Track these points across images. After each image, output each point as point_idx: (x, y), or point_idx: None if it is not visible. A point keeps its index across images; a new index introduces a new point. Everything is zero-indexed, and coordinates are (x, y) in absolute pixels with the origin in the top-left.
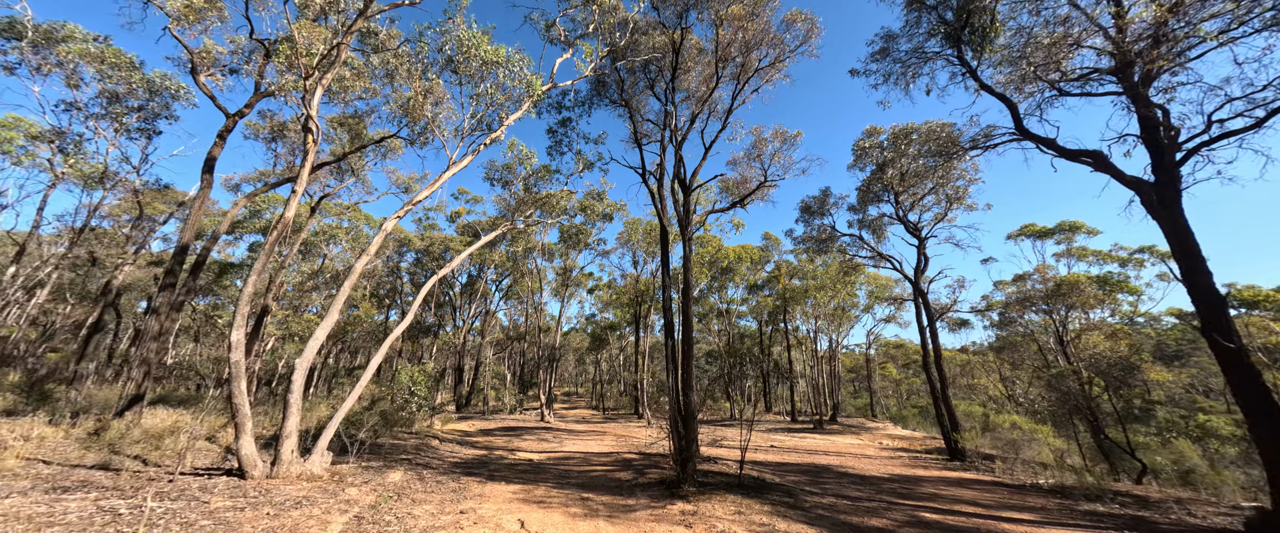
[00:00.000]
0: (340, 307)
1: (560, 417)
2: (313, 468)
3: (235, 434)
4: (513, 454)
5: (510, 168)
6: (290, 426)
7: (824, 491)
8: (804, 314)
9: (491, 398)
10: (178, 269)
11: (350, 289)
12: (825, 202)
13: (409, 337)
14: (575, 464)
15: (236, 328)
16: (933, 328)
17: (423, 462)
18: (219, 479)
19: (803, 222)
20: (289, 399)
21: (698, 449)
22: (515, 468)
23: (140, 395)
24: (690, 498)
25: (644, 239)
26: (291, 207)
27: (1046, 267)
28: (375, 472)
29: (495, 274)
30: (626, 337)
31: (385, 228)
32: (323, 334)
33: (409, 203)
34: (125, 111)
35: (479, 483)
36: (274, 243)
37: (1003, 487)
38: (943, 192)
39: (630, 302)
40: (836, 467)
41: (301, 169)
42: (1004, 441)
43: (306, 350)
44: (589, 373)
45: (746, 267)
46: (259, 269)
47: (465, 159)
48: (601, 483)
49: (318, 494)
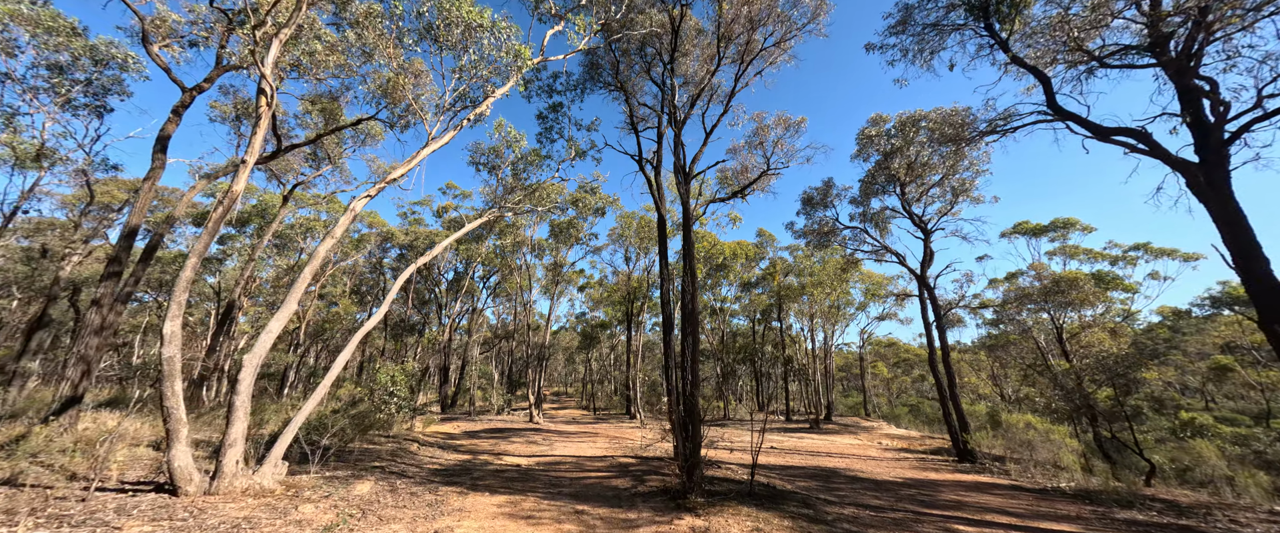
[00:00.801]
0: (298, 295)
1: (550, 418)
2: (262, 481)
3: (166, 443)
4: (499, 459)
5: (497, 151)
6: (235, 433)
7: (841, 499)
8: (797, 312)
9: (478, 398)
10: (124, 256)
11: (310, 276)
12: (828, 193)
13: (392, 335)
14: (567, 470)
15: (170, 319)
16: (939, 324)
17: (398, 470)
18: (145, 497)
19: (804, 214)
20: (234, 402)
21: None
22: (501, 475)
23: (78, 397)
24: (699, 511)
25: (637, 235)
26: (240, 179)
27: (1041, 264)
28: (340, 483)
29: (483, 271)
30: (617, 336)
31: (353, 208)
32: (277, 327)
33: (383, 181)
34: (70, 85)
35: (459, 495)
36: (219, 220)
37: (1024, 492)
38: (949, 183)
39: (622, 300)
40: (845, 470)
41: (253, 136)
42: (1018, 441)
43: (257, 346)
44: (579, 372)
45: (741, 263)
46: (200, 251)
47: (447, 135)
48: (597, 492)
49: (263, 514)
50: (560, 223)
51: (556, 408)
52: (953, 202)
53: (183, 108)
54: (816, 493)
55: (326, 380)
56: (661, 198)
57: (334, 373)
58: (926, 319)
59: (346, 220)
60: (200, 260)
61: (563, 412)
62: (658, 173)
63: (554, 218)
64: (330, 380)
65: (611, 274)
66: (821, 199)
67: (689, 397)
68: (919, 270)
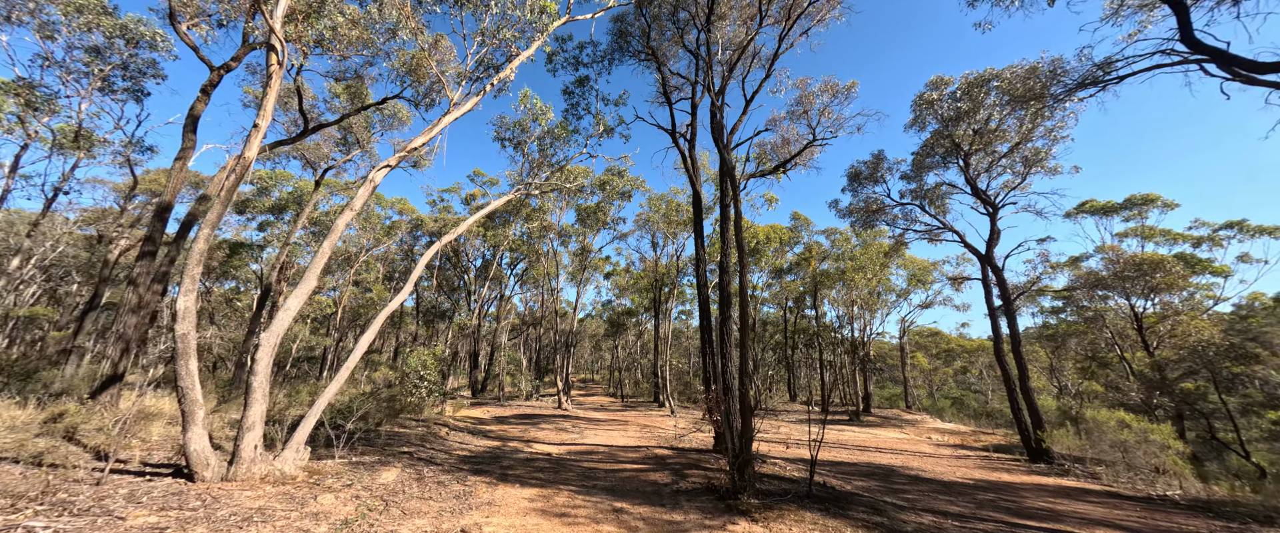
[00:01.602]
0: (318, 270)
1: (578, 404)
2: (284, 467)
3: (182, 426)
4: (529, 446)
5: (523, 125)
6: (253, 415)
7: (911, 504)
8: (831, 301)
9: (507, 384)
10: (158, 236)
11: (330, 249)
12: (878, 167)
13: (425, 321)
14: (600, 461)
15: (184, 294)
16: (1009, 310)
17: (426, 456)
18: (161, 481)
19: (850, 190)
20: (251, 383)
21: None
22: (532, 465)
23: (118, 375)
24: (753, 514)
25: (665, 219)
26: (252, 145)
27: (1117, 246)
28: (365, 470)
29: (511, 258)
30: (644, 323)
31: (372, 178)
32: (296, 304)
33: (404, 150)
34: (108, 68)
35: (488, 486)
36: (232, 189)
37: (1125, 500)
38: (1020, 153)
39: (649, 286)
40: (902, 468)
41: (264, 100)
42: (1109, 441)
43: (275, 324)
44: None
45: (773, 248)
46: (212, 221)
47: (469, 102)
48: (635, 488)
49: (278, 504)
50: (587, 207)
51: (584, 395)
52: (1024, 173)
53: (211, 87)
54: (881, 496)
55: (350, 362)
56: (697, 172)
57: (357, 354)
58: (991, 305)
59: (366, 191)
60: (212, 231)
61: (590, 399)
62: (692, 146)
63: (580, 202)
64: (353, 362)
65: (638, 261)
66: (871, 173)
67: (740, 386)
68: (983, 251)
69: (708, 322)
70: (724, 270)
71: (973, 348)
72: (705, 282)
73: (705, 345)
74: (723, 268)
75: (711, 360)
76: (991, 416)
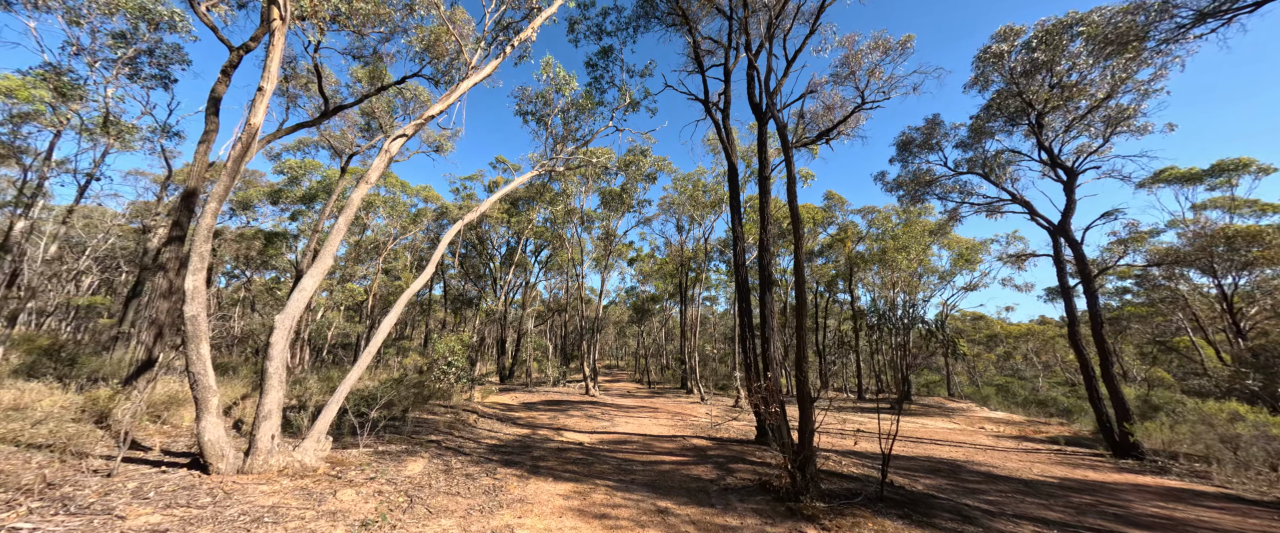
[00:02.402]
0: (334, 247)
1: (604, 390)
2: (304, 458)
3: (196, 415)
4: (559, 435)
5: (545, 97)
6: (269, 403)
7: (997, 508)
8: (866, 284)
9: (534, 369)
10: (185, 220)
11: (346, 226)
12: (933, 133)
13: (453, 309)
14: (635, 451)
15: (192, 273)
16: (1089, 288)
17: (454, 445)
18: (174, 474)
19: (900, 161)
20: (267, 369)
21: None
22: (564, 455)
23: (152, 361)
24: (822, 521)
25: (691, 201)
26: (258, 111)
27: (1203, 219)
28: (391, 460)
29: (535, 245)
30: (668, 310)
31: (388, 149)
32: (311, 284)
33: (420, 119)
34: (134, 52)
35: (519, 479)
36: (238, 159)
37: (1254, 506)
38: (1102, 112)
39: (674, 272)
40: (969, 464)
41: (268, 60)
42: (1222, 436)
43: (289, 305)
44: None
45: (807, 229)
46: (219, 195)
47: (488, 66)
48: (678, 484)
49: (294, 501)
50: (611, 191)
51: (610, 381)
52: (1105, 134)
53: (231, 67)
54: (959, 498)
55: (371, 347)
56: (732, 143)
57: (378, 339)
58: (1064, 282)
59: (381, 162)
60: (219, 205)
61: (616, 385)
62: (726, 116)
63: (603, 185)
64: (375, 348)
65: (662, 246)
66: (925, 141)
67: (799, 374)
68: (1057, 223)
69: (746, 304)
70: (764, 248)
71: (1018, 333)
72: (742, 261)
73: (743, 330)
74: (762, 246)
75: (750, 345)
76: (1044, 404)
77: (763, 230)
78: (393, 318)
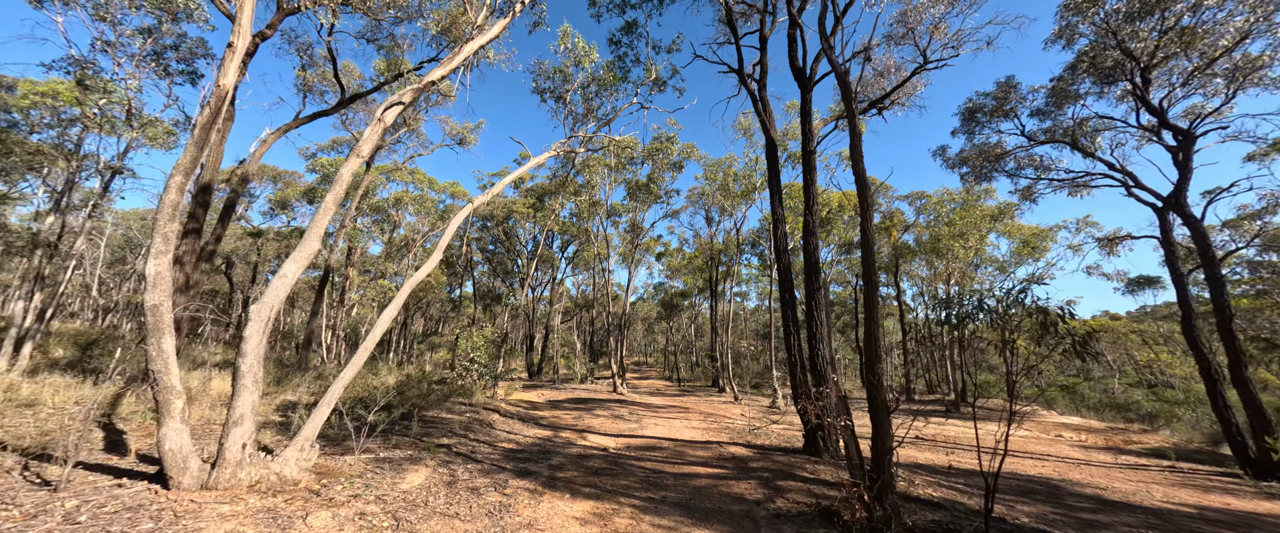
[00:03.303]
0: (320, 229)
1: (633, 388)
2: (283, 470)
3: (157, 419)
4: (582, 438)
5: (563, 72)
6: (241, 407)
7: None
8: (911, 276)
9: (561, 366)
10: (201, 213)
11: (335, 203)
12: (1007, 97)
13: (483, 306)
14: (665, 459)
15: (154, 256)
16: (1213, 275)
17: (466, 449)
18: (128, 489)
19: (964, 133)
20: (240, 367)
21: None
22: (585, 463)
23: None
24: None
25: (721, 190)
26: (227, 72)
27: None
28: (389, 469)
29: (561, 241)
30: (698, 305)
31: (382, 118)
32: (293, 269)
33: (419, 84)
34: (161, 49)
35: (532, 495)
36: (207, 126)
37: None
38: (1227, 62)
39: (703, 266)
40: (1067, 484)
41: (240, 13)
42: None
43: (268, 293)
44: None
45: (847, 217)
46: (185, 167)
47: (497, 26)
48: (717, 505)
49: (253, 527)
50: (637, 181)
51: (638, 378)
52: (1229, 90)
53: (247, 56)
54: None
55: (367, 343)
56: (770, 116)
57: (377, 332)
58: (1176, 269)
59: (374, 133)
60: (186, 179)
61: (645, 382)
62: (762, 87)
63: (628, 177)
64: (371, 343)
65: (691, 239)
66: (997, 107)
67: (870, 377)
68: (1166, 197)
69: (789, 296)
70: (810, 232)
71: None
72: (784, 247)
73: (786, 325)
74: (808, 230)
75: (794, 342)
76: (1123, 409)
77: (808, 212)
78: (393, 310)
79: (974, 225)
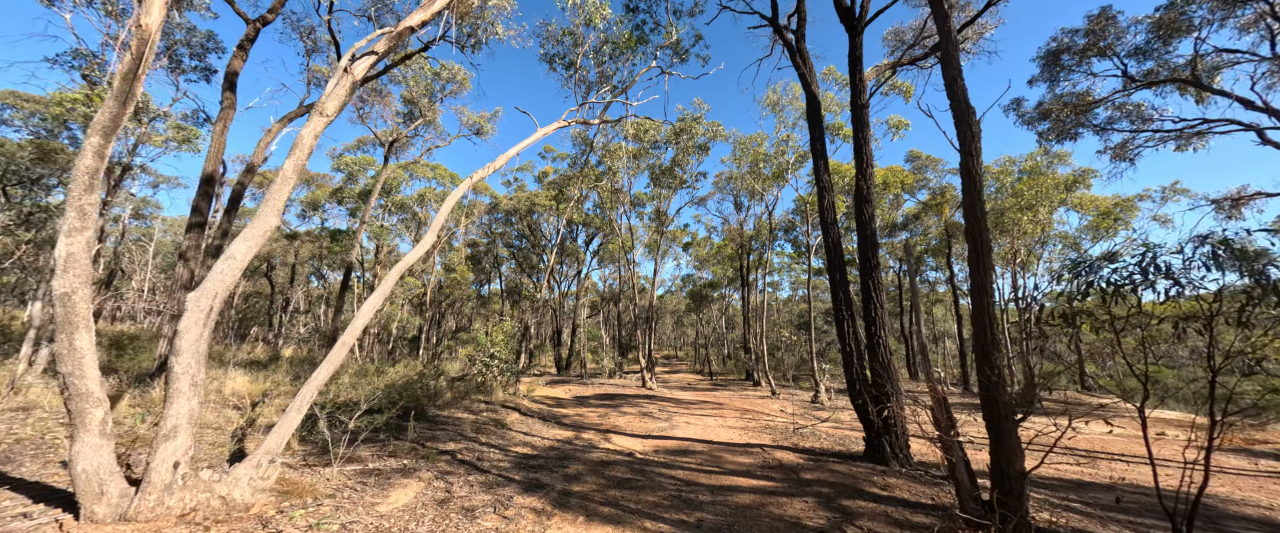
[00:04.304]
0: (276, 203)
1: (662, 382)
2: (230, 491)
3: (70, 433)
4: (606, 439)
5: (573, 34)
6: (175, 417)
7: None
8: (963, 259)
9: (589, 361)
10: (205, 205)
11: (296, 174)
12: (1104, 31)
13: (511, 301)
14: (699, 466)
15: (65, 235)
16: None
17: (473, 456)
18: (35, 520)
19: (1045, 80)
20: (173, 368)
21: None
22: (606, 472)
23: None
24: None
25: (751, 172)
26: (152, 8)
27: None
28: (375, 484)
29: (586, 235)
30: (728, 296)
31: (350, 71)
32: (242, 250)
33: (395, 30)
34: (173, 45)
35: (538, 517)
36: (128, 76)
37: None
38: None
39: (733, 255)
40: (1221, 504)
41: None
42: None
43: (208, 280)
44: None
45: (892, 196)
46: (102, 124)
47: None
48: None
49: None
50: (660, 167)
51: (668, 372)
52: None
53: (248, 42)
54: None
55: (346, 336)
56: (811, 70)
57: (359, 324)
58: None
59: (342, 89)
60: (105, 141)
61: (675, 376)
62: (800, 38)
63: (650, 162)
64: (352, 336)
65: (719, 226)
66: (1091, 45)
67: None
68: None
69: (841, 275)
70: (863, 199)
71: (1168, 314)
72: (832, 219)
73: (839, 308)
74: (860, 196)
75: (848, 328)
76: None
77: (860, 177)
78: (380, 297)
79: (1045, 196)
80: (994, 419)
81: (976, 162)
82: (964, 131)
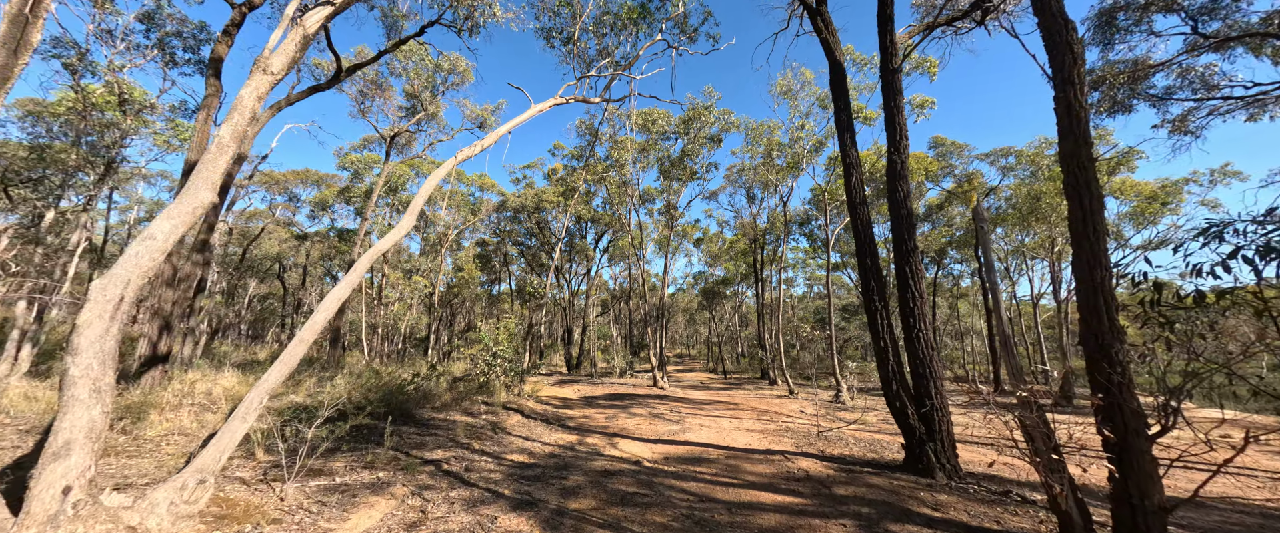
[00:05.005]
0: (211, 176)
1: (675, 381)
2: (145, 520)
3: None
4: (612, 445)
5: (571, 4)
6: (68, 430)
7: None
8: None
9: (599, 360)
10: None
11: (235, 141)
12: None
13: (522, 301)
14: (716, 477)
15: None
16: None
17: (460, 467)
18: None
19: (1097, 44)
20: (68, 373)
21: None
22: (609, 485)
23: (159, 356)
24: None
25: (765, 163)
26: None
27: None
28: (337, 504)
29: (596, 232)
30: (741, 293)
31: (302, 24)
32: (163, 230)
33: None
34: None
35: None
36: (18, 18)
37: None
38: None
39: (746, 250)
40: None
41: None
42: None
43: (120, 264)
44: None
45: (913, 184)
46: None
47: None
48: None
49: None
50: (670, 159)
51: (681, 371)
52: None
53: (234, 27)
54: None
55: (305, 332)
56: (834, 35)
57: (320, 318)
58: None
59: (292, 42)
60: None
61: (688, 375)
62: (821, 2)
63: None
64: (312, 333)
65: (731, 220)
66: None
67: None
68: None
69: (872, 261)
70: (898, 175)
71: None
72: (860, 199)
73: (870, 300)
74: (892, 172)
75: (881, 322)
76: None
77: (893, 150)
78: (346, 288)
79: None
80: (1119, 434)
81: (1079, 92)
82: (1058, 55)
